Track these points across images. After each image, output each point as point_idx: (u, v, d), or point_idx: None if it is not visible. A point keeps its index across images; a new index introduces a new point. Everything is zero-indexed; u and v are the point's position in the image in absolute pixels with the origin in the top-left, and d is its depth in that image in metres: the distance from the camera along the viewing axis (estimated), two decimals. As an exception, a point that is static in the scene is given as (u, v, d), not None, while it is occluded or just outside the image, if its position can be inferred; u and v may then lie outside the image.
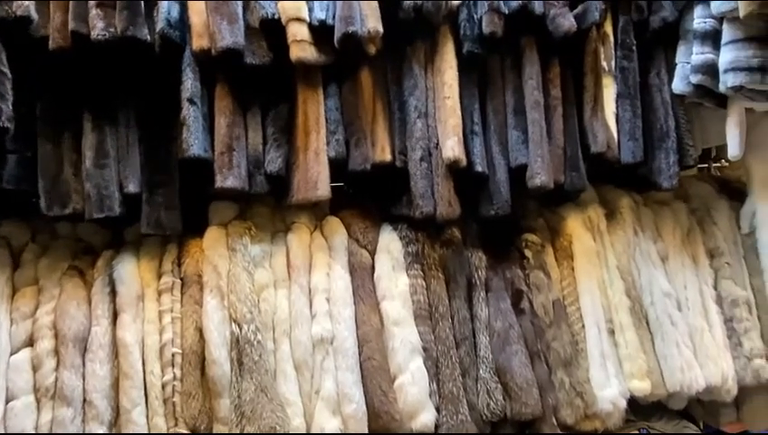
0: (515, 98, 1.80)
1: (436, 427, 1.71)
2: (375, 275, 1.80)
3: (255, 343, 1.64)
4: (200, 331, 1.65)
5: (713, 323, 1.90)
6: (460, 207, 1.78)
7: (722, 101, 1.85)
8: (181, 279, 1.72)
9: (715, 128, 2.03)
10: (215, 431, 1.63)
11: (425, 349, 1.74)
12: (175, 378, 1.63)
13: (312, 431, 1.64)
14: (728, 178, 2.22)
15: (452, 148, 1.71)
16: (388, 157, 1.77)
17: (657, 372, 1.85)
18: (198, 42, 1.61)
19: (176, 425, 1.62)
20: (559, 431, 1.77)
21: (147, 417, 1.59)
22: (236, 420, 1.59)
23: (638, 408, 1.95)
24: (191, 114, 1.61)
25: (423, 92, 1.77)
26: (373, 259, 1.82)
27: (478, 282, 1.84)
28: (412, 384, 1.70)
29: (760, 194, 1.98)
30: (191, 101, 1.61)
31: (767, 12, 1.58)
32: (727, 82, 1.66)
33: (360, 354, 1.71)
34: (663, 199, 2.06)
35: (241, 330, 1.64)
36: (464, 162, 1.74)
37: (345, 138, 1.75)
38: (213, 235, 1.75)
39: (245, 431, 1.57)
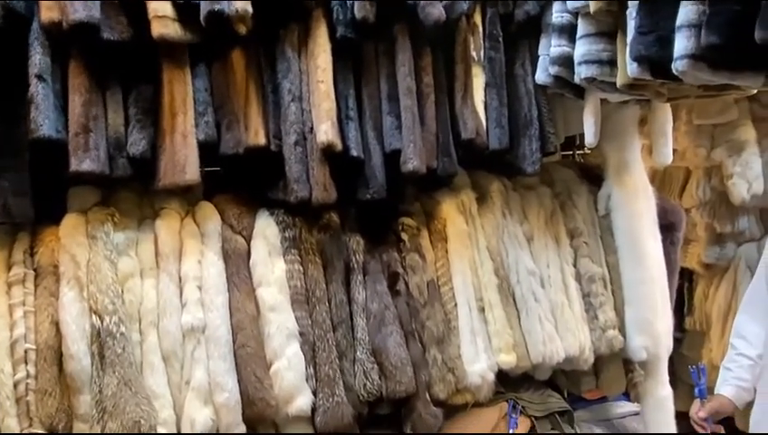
0: (389, 84, 1.83)
1: (313, 410, 1.72)
2: (251, 261, 1.77)
3: (118, 335, 1.56)
4: (57, 325, 1.55)
5: (572, 298, 2.05)
6: (336, 192, 1.79)
7: (579, 91, 1.99)
8: (35, 270, 1.60)
9: (576, 117, 2.17)
10: (74, 430, 1.54)
11: (301, 334, 1.74)
12: (28, 375, 1.52)
13: (183, 423, 1.59)
14: (589, 164, 2.39)
15: (325, 132, 1.71)
16: (261, 140, 1.74)
17: (522, 345, 1.97)
18: (47, 14, 1.49)
19: (30, 425, 1.51)
20: (432, 407, 1.84)
21: (-5, 418, 1.47)
22: (98, 416, 1.52)
23: (508, 380, 2.07)
24: (40, 92, 1.49)
25: (297, 76, 1.75)
26: (249, 245, 1.79)
27: (356, 266, 1.87)
28: (288, 369, 1.69)
29: (614, 179, 2.14)
30: (40, 77, 1.50)
31: (614, 9, 1.71)
32: (581, 73, 1.78)
33: (234, 342, 1.68)
34: (529, 184, 2.19)
35: (102, 322, 1.55)
36: (338, 147, 1.75)
37: (216, 120, 1.70)
38: (70, 222, 1.64)
39: (107, 427, 1.49)
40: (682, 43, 1.46)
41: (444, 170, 1.90)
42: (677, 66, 1.48)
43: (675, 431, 2.13)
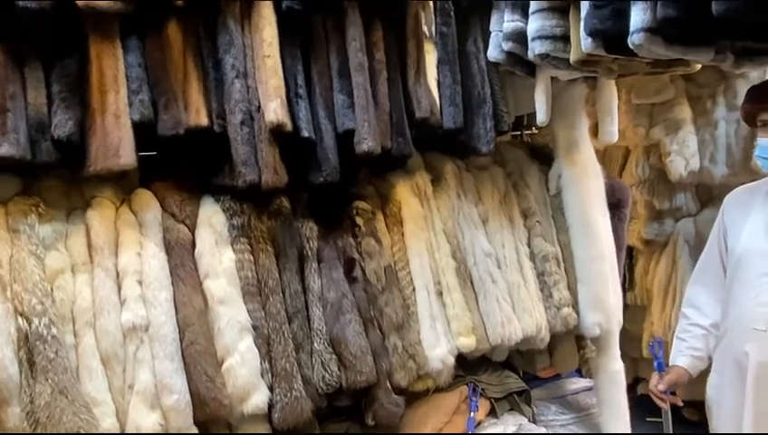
0: (339, 60, 1.74)
1: (270, 406, 1.62)
2: (196, 251, 1.65)
3: (50, 338, 1.40)
4: (-24, 330, 1.37)
5: (527, 278, 2.04)
6: (287, 175, 1.68)
7: (531, 69, 1.96)
8: (-54, 270, 1.41)
9: (525, 97, 2.16)
10: (2, 446, 1.37)
11: (255, 327, 1.64)
12: (-56, 389, 1.33)
13: (128, 431, 1.46)
14: (538, 144, 2.39)
15: (274, 110, 1.60)
16: (203, 120, 1.61)
17: (481, 328, 1.94)
18: (-51, -23, 1.30)
19: (-52, 445, 1.33)
20: (393, 395, 1.78)
21: None
22: (30, 428, 1.36)
23: (465, 363, 2.05)
24: (-55, 66, 1.30)
25: (240, 50, 1.63)
26: (193, 235, 1.66)
27: (310, 253, 1.77)
28: (242, 365, 1.59)
29: (564, 158, 2.15)
30: (-56, 49, 1.31)
31: (567, -16, 1.69)
32: (535, 49, 1.75)
33: (181, 340, 1.55)
34: (482, 164, 2.16)
35: (30, 325, 1.39)
36: (288, 126, 1.64)
37: (152, 99, 1.55)
38: (-13, 214, 1.45)
39: (41, 441, 1.34)
40: (638, 17, 1.45)
41: (398, 151, 1.83)
42: (633, 40, 1.47)
43: (627, 404, 2.17)
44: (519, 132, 2.40)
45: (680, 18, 1.38)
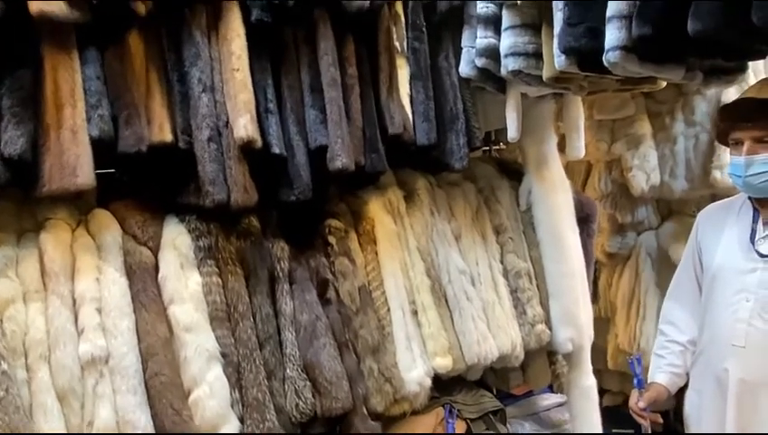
0: (311, 74, 1.69)
1: (241, 439, 1.53)
2: (159, 275, 1.55)
3: (0, 374, 1.27)
4: None
5: (501, 295, 2.02)
6: (257, 194, 1.61)
7: (501, 85, 1.96)
8: None
9: (494, 113, 2.15)
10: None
11: (224, 354, 1.55)
12: None
13: (85, 474, 1.34)
14: (506, 159, 2.39)
15: (245, 126, 1.52)
16: (168, 136, 1.52)
17: (456, 347, 1.91)
18: None
19: None
20: (369, 421, 1.72)
21: None
22: (-24, 477, 1.23)
23: (439, 383, 2.00)
24: None
25: (207, 63, 1.55)
26: (156, 258, 1.56)
27: (281, 274, 1.70)
28: (210, 397, 1.50)
29: (534, 173, 2.15)
30: None
31: (539, 0, 1.69)
32: (508, 66, 1.74)
33: (144, 371, 1.45)
34: (454, 180, 2.13)
35: (-23, 361, 1.26)
36: (259, 143, 1.57)
37: (111, 114, 1.45)
38: (-73, 240, 1.32)
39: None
40: (613, 35, 1.45)
41: (372, 167, 1.79)
42: (609, 58, 1.47)
43: (600, 419, 2.17)
44: (488, 148, 2.40)
45: (655, 36, 1.39)
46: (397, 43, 1.84)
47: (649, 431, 1.55)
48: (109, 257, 1.49)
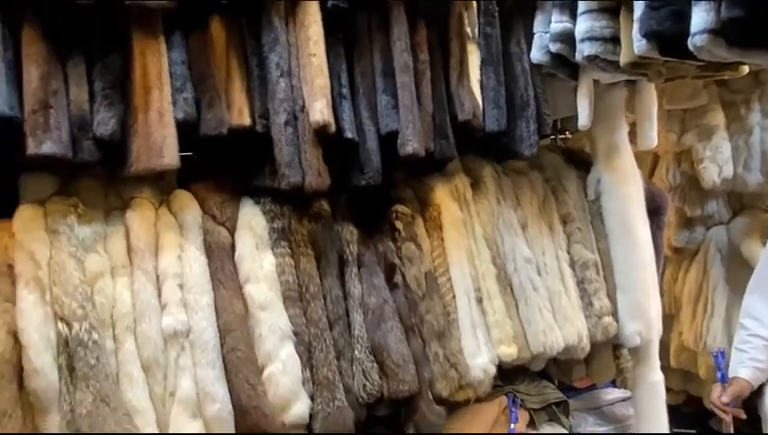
0: (384, 60, 1.70)
1: (311, 416, 1.57)
2: (236, 255, 1.60)
3: (90, 343, 1.35)
4: (14, 334, 1.32)
5: (568, 285, 1.99)
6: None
7: (573, 72, 1.92)
8: (-17, 272, 1.36)
9: (563, 100, 2.11)
10: (40, 457, 1.32)
11: (296, 333, 1.58)
12: (-19, 396, 1.28)
13: (169, 440, 1.41)
14: (573, 148, 2.34)
15: (320, 110, 1.55)
16: (246, 120, 1.56)
17: (522, 336, 1.89)
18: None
19: (-15, 454, 1.28)
20: (435, 405, 1.73)
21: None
22: (70, 438, 1.30)
23: (502, 372, 1.99)
24: (-12, 60, 1.26)
25: (285, 48, 1.58)
26: (233, 238, 1.61)
27: (350, 257, 1.72)
28: (283, 374, 1.53)
29: (604, 163, 2.10)
30: (-12, 43, 1.26)
31: (617, -17, 1.64)
32: (584, 51, 1.71)
33: (222, 346, 1.50)
34: (520, 169, 2.11)
35: (71, 330, 1.34)
36: (333, 127, 1.59)
37: (195, 97, 1.50)
38: (26, 214, 1.41)
39: (83, 451, 1.28)
40: (701, 18, 1.40)
41: (441, 153, 1.79)
42: (695, 42, 1.42)
43: (666, 416, 2.11)
44: (553, 136, 2.35)
45: (745, 19, 1.34)
46: (468, 29, 1.83)
47: (731, 429, 1.50)
48: (190, 236, 1.54)
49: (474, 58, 1.84)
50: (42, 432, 1.31)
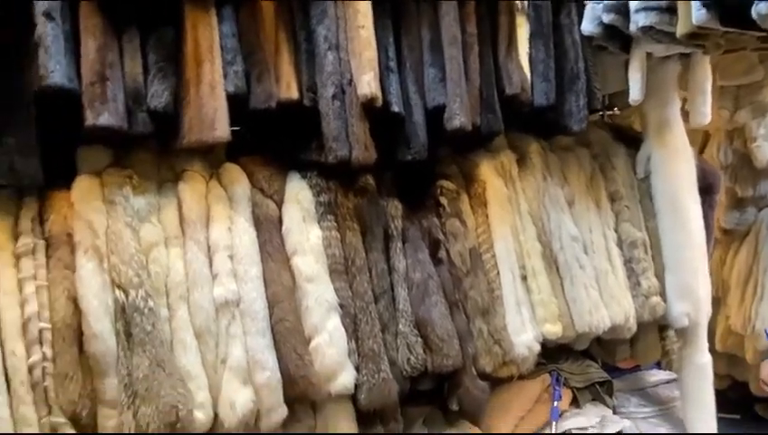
0: (431, 33, 1.67)
1: (356, 387, 1.59)
2: (283, 228, 1.61)
3: (146, 310, 1.39)
4: (74, 300, 1.37)
5: (615, 264, 1.96)
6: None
7: (625, 44, 1.86)
8: (46, 240, 1.41)
9: (613, 74, 2.06)
10: (100, 416, 1.37)
11: (342, 306, 1.60)
12: (45, 358, 1.34)
13: (221, 406, 1.44)
14: (621, 125, 2.29)
15: (368, 83, 1.54)
16: (294, 94, 1.57)
17: (567, 315, 1.87)
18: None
19: (49, 413, 1.34)
20: (479, 381, 1.73)
21: (10, 407, 1.30)
22: (128, 401, 1.35)
23: (545, 350, 1.98)
24: (50, 32, 1.29)
25: (333, 21, 1.57)
26: (280, 211, 1.63)
27: (395, 232, 1.72)
28: (329, 345, 1.55)
29: (655, 139, 2.04)
30: (48, 15, 1.29)
31: (676, -48, 1.58)
32: (639, 21, 1.65)
33: (270, 317, 1.53)
34: (566, 145, 2.07)
35: (127, 297, 1.38)
36: (380, 101, 1.59)
37: (245, 70, 1.51)
38: (84, 185, 1.44)
39: (140, 413, 1.33)
40: (767, -16, 1.34)
41: (488, 128, 1.77)
42: (760, 9, 1.36)
43: (713, 399, 2.07)
44: (601, 113, 2.29)
45: (816, -16, 1.27)
46: (518, 1, 1.79)
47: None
48: (239, 208, 1.56)
49: (522, 31, 1.80)
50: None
